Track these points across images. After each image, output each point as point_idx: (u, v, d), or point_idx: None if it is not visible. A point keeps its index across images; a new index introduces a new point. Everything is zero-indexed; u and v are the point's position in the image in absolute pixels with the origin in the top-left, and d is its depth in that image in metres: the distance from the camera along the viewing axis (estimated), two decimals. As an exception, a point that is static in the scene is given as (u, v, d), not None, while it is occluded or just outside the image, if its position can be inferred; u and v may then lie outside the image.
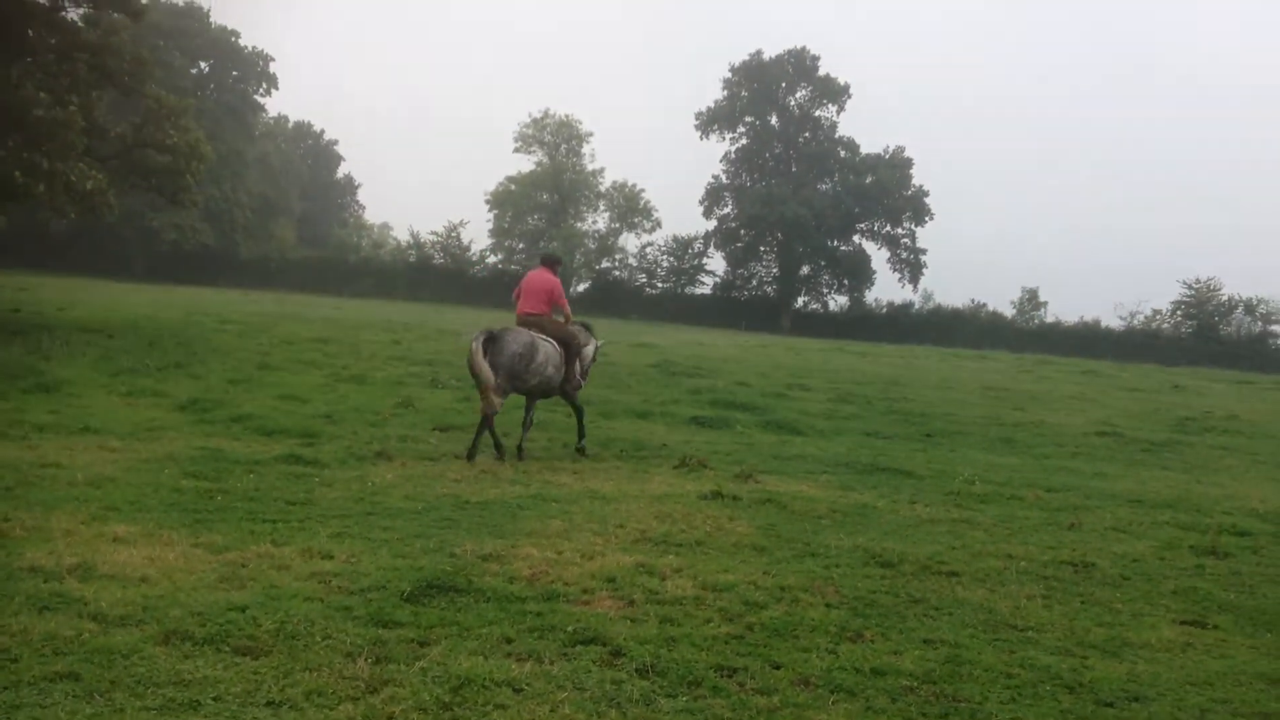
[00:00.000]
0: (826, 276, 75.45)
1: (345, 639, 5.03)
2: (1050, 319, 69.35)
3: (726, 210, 75.74)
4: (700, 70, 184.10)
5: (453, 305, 58.88)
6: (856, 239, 75.37)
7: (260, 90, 71.87)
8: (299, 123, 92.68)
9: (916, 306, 71.57)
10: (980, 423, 17.48)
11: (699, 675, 4.88)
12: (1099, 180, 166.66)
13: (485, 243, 75.39)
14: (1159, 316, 66.96)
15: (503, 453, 10.95)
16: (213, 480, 8.71)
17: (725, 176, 76.85)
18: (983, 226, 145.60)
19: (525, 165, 78.19)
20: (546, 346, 11.41)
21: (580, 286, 70.96)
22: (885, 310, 70.97)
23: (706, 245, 74.82)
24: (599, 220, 78.39)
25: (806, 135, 76.13)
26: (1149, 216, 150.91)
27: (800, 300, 75.33)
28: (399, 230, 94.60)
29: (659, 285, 73.77)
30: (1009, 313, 70.78)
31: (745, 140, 76.53)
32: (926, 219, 73.80)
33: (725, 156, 76.94)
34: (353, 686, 4.50)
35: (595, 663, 4.97)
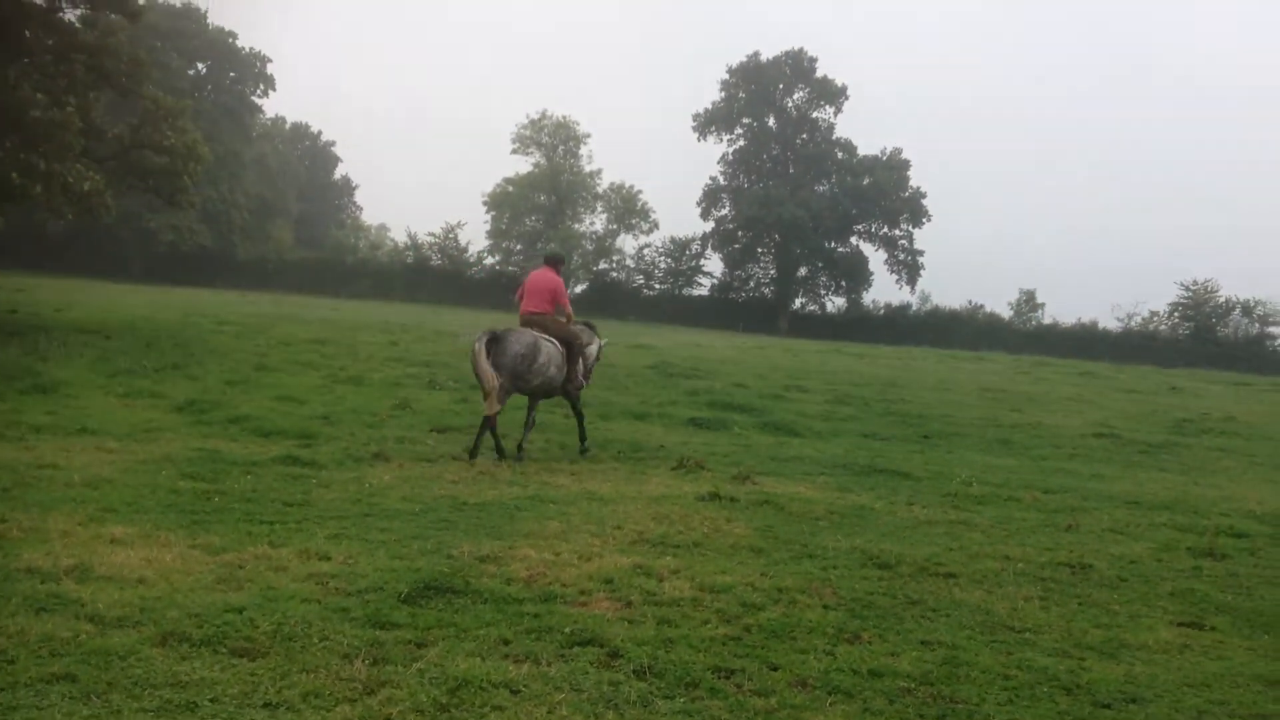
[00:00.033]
0: (824, 278, 75.45)
1: (342, 640, 5.03)
2: (1048, 320, 69.51)
3: (724, 212, 75.78)
4: (698, 72, 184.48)
5: (450, 306, 58.85)
6: (854, 240, 75.37)
7: (258, 91, 71.79)
8: (296, 124, 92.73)
9: (914, 308, 71.63)
10: (978, 424, 17.50)
11: (696, 676, 4.89)
12: (1096, 181, 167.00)
13: (483, 244, 75.46)
14: (1156, 318, 67.07)
15: (503, 455, 10.95)
16: (210, 481, 8.71)
17: (723, 178, 76.88)
18: (980, 228, 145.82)
19: (523, 166, 78.29)
20: (549, 347, 11.42)
21: (578, 288, 70.83)
22: (883, 312, 70.97)
23: (704, 247, 74.87)
24: (596, 222, 78.47)
25: (804, 137, 76.16)
26: (1146, 218, 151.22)
27: (798, 302, 75.34)
28: (396, 231, 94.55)
29: (656, 287, 73.75)
30: (1006, 314, 70.97)
31: (743, 142, 76.54)
32: (924, 220, 73.83)
33: (723, 158, 77.04)
34: (350, 688, 4.50)
35: (593, 664, 4.97)
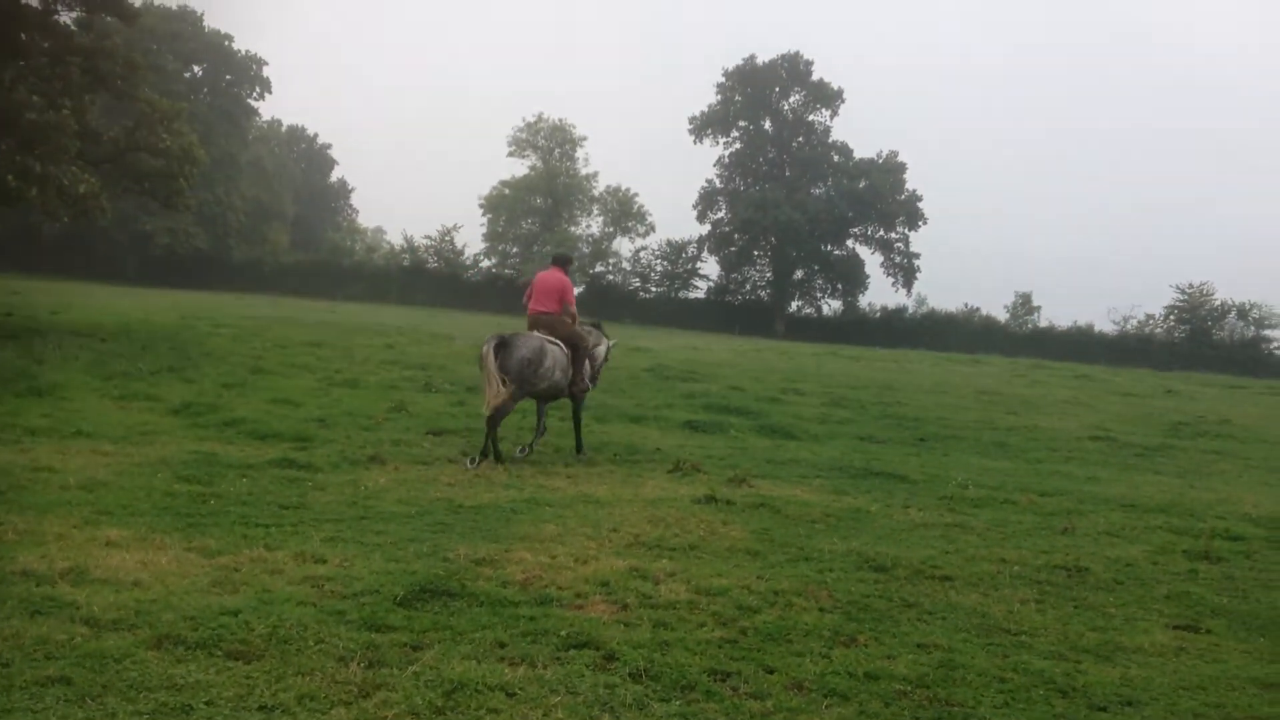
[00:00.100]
0: (820, 281, 75.35)
1: (338, 643, 5.02)
2: (1044, 323, 69.26)
3: (720, 214, 75.67)
4: (694, 75, 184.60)
5: (446, 309, 58.80)
6: (850, 243, 75.22)
7: (254, 94, 71.64)
8: (292, 126, 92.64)
9: (910, 311, 71.48)
10: (974, 427, 17.51)
11: (692, 679, 4.88)
12: (1093, 183, 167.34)
13: (479, 247, 75.28)
14: (1152, 321, 66.96)
15: (499, 459, 10.95)
16: (205, 484, 8.70)
17: (719, 181, 76.78)
18: (976, 231, 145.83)
19: (519, 169, 78.04)
20: (554, 350, 11.51)
21: (574, 290, 70.73)
22: (879, 315, 70.86)
23: (700, 249, 74.75)
24: (593, 224, 78.22)
25: (800, 140, 76.14)
26: (1143, 221, 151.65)
27: (794, 304, 75.19)
28: (393, 234, 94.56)
29: (652, 289, 73.60)
30: (1002, 317, 70.78)
31: (739, 145, 76.43)
32: (920, 223, 73.69)
33: (719, 161, 76.90)
34: (345, 691, 4.50)
35: (588, 667, 4.97)
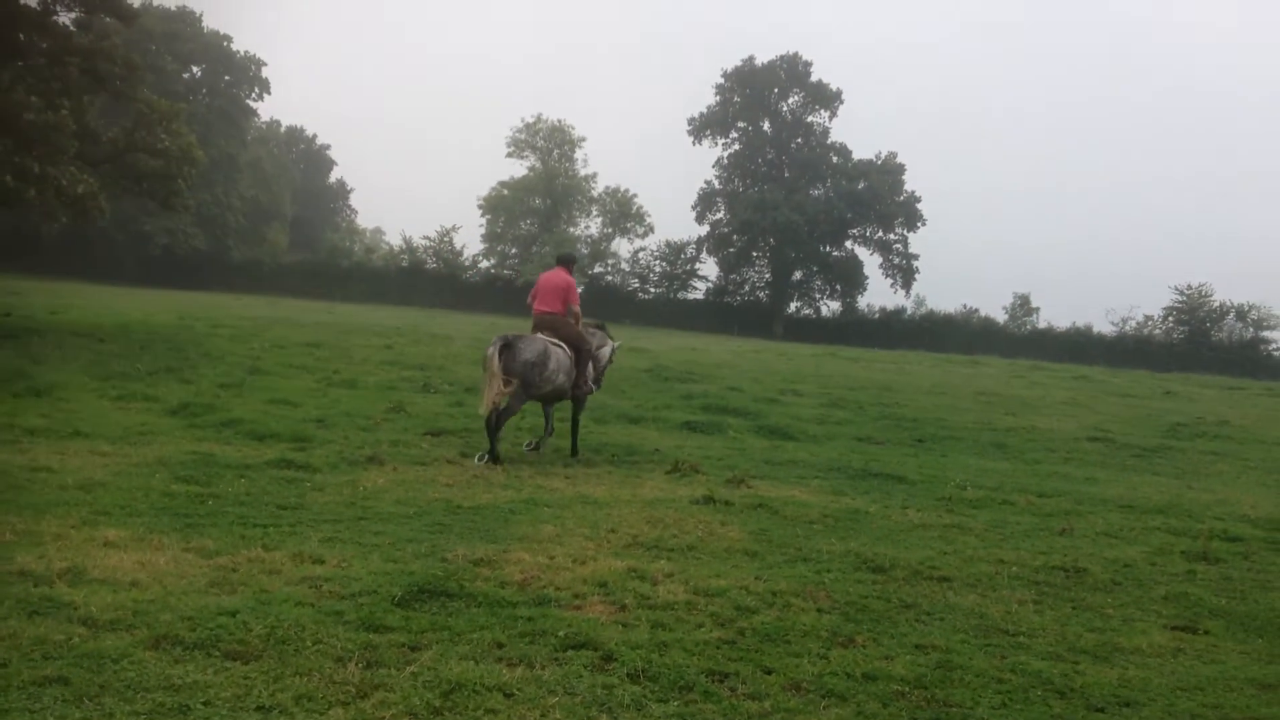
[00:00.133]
0: (819, 282, 75.43)
1: (336, 644, 5.01)
2: (1042, 325, 69.46)
3: (719, 215, 75.78)
4: (693, 76, 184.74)
5: (445, 310, 58.83)
6: (849, 244, 75.35)
7: (253, 95, 71.66)
8: (291, 127, 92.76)
9: (909, 312, 71.57)
10: (972, 428, 17.51)
11: (690, 680, 4.88)
12: (1091, 185, 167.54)
13: (477, 247, 75.32)
14: (1150, 322, 67.10)
15: (496, 460, 10.95)
16: (203, 485, 8.69)
17: (717, 182, 76.90)
18: (975, 232, 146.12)
19: (518, 170, 78.26)
20: (558, 353, 11.55)
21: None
22: (877, 316, 70.93)
23: (699, 250, 74.82)
24: (591, 225, 78.19)
25: (799, 141, 76.22)
26: (1141, 222, 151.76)
27: (793, 305, 75.29)
28: (391, 235, 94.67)
29: (651, 290, 73.65)
30: (1001, 318, 70.93)
31: (738, 146, 76.55)
32: (919, 224, 73.83)
33: (718, 162, 77.05)
34: (343, 691, 4.49)
35: (586, 668, 4.96)
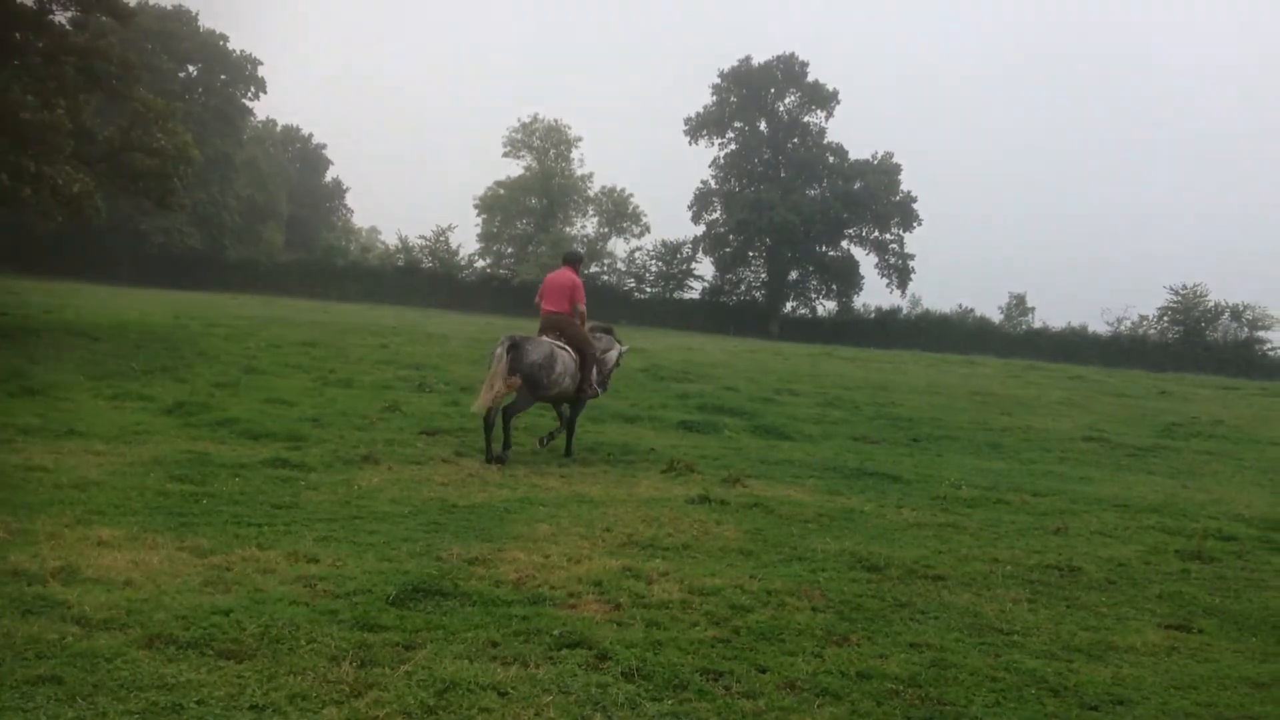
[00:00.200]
0: (815, 282, 75.45)
1: (330, 643, 5.01)
2: (1037, 324, 69.50)
3: (715, 215, 75.74)
4: (689, 75, 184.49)
5: (441, 309, 58.79)
6: (845, 244, 75.35)
7: (249, 94, 71.47)
8: (287, 126, 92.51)
9: (904, 312, 71.61)
10: (967, 428, 17.53)
11: (685, 679, 4.88)
12: (1087, 185, 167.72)
13: (473, 247, 75.29)
14: (1146, 322, 67.19)
15: (491, 459, 10.95)
16: (198, 484, 8.67)
17: (714, 182, 76.84)
18: (970, 232, 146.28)
19: (514, 170, 77.97)
20: (564, 356, 11.56)
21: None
22: (873, 315, 70.95)
23: (695, 250, 74.73)
24: (588, 225, 78.11)
25: (795, 141, 76.18)
26: (1136, 221, 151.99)
27: (788, 305, 75.29)
28: (387, 234, 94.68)
29: (647, 290, 73.58)
30: (996, 318, 71.03)
31: (734, 146, 76.51)
32: (915, 224, 73.88)
33: (714, 162, 76.98)
34: (337, 690, 4.48)
35: (581, 666, 4.96)
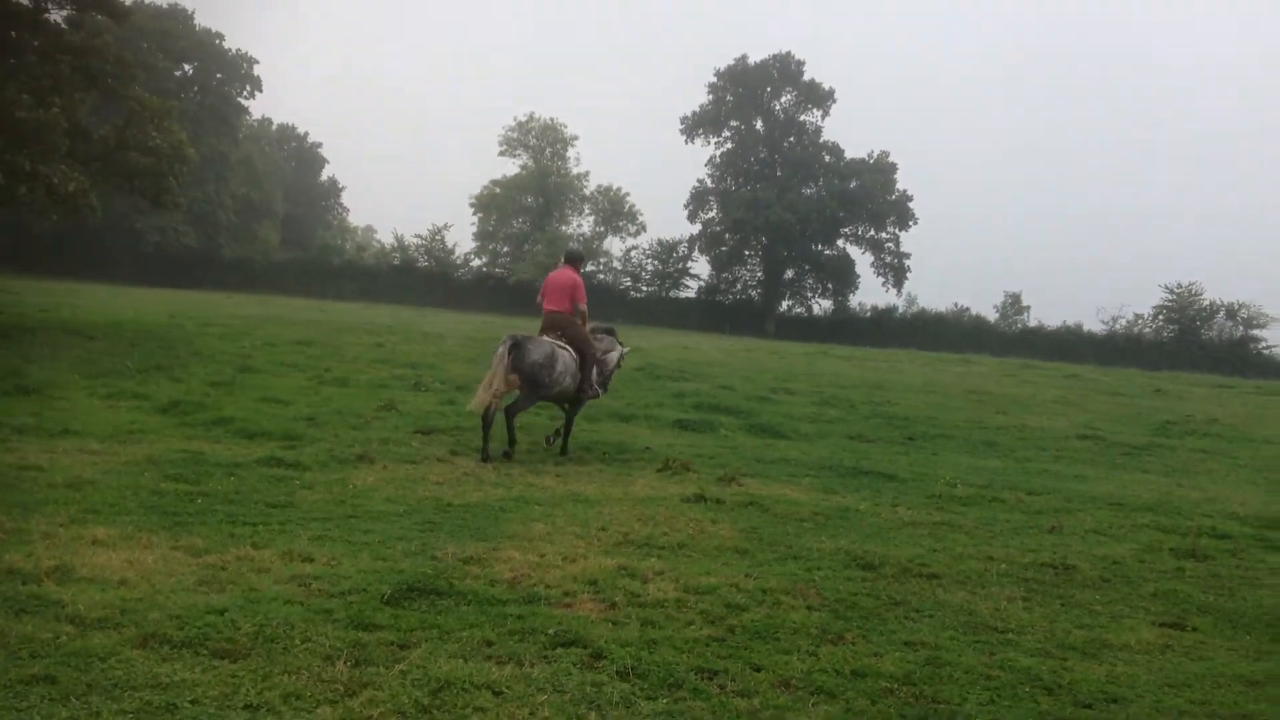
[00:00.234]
0: (811, 280, 75.54)
1: (324, 642, 5.00)
2: (1033, 323, 69.69)
3: (711, 214, 75.80)
4: (686, 74, 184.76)
5: (436, 308, 58.76)
6: (840, 243, 75.44)
7: (244, 93, 71.34)
8: (283, 125, 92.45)
9: (900, 311, 71.78)
10: (963, 426, 17.56)
11: (680, 677, 4.88)
12: (1083, 184, 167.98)
13: (469, 246, 75.38)
14: (1141, 321, 67.28)
15: (487, 457, 10.95)
16: (193, 483, 8.65)
17: (710, 180, 76.90)
18: (966, 231, 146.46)
19: (510, 169, 78.16)
20: (565, 356, 11.59)
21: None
22: (869, 314, 71.01)
23: (691, 249, 74.80)
24: (584, 224, 78.21)
25: (791, 140, 76.25)
26: (1133, 221, 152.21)
27: (784, 304, 75.41)
28: (383, 233, 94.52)
29: (643, 289, 73.59)
30: (992, 317, 71.23)
31: (730, 144, 76.56)
32: (910, 223, 74.00)
33: (710, 160, 77.02)
34: (331, 689, 4.48)
35: (576, 665, 4.96)
